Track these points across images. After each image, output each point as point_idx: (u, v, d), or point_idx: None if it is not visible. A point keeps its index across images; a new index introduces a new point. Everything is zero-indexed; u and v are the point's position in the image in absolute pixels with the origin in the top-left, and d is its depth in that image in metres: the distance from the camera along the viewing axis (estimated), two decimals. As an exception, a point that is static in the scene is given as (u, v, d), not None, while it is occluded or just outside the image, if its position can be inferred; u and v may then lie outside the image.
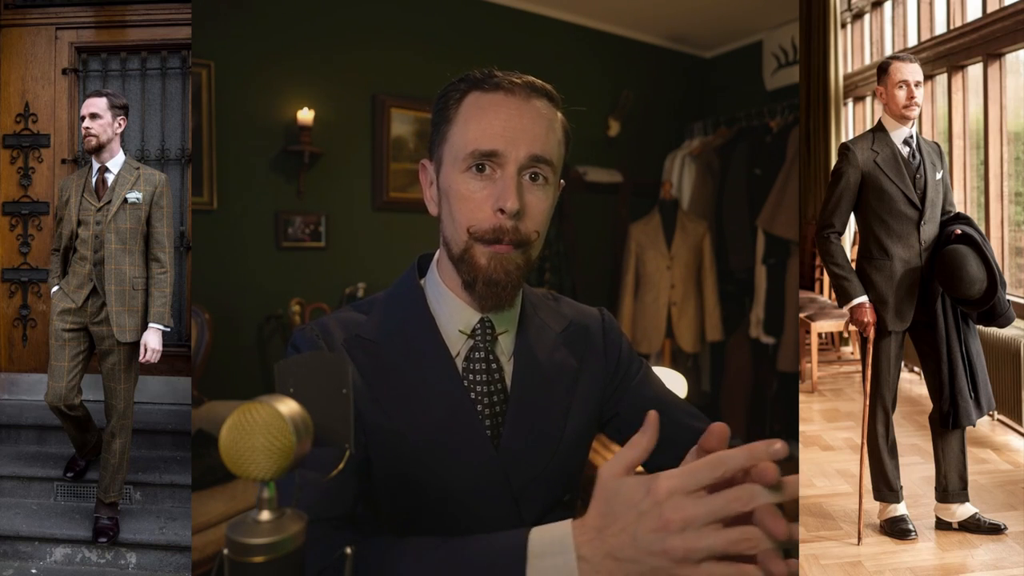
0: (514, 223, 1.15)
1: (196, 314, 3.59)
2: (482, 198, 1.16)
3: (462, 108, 1.19)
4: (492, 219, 1.15)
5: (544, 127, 1.18)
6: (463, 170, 1.17)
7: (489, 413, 1.23)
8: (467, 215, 1.17)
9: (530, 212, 1.17)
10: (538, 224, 1.19)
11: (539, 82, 1.21)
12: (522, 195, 1.16)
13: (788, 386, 4.58)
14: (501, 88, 1.18)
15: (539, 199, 1.18)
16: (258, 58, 3.90)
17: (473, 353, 1.24)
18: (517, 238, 1.16)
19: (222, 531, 0.77)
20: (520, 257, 1.18)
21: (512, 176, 1.15)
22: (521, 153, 1.15)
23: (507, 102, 1.17)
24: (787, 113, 4.73)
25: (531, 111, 1.18)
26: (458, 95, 1.20)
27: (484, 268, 1.17)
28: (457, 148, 1.18)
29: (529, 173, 1.17)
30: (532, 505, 1.24)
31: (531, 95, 1.19)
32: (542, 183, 1.18)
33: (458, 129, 1.19)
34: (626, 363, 1.39)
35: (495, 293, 1.18)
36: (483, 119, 1.17)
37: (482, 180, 1.16)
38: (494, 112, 1.17)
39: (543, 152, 1.17)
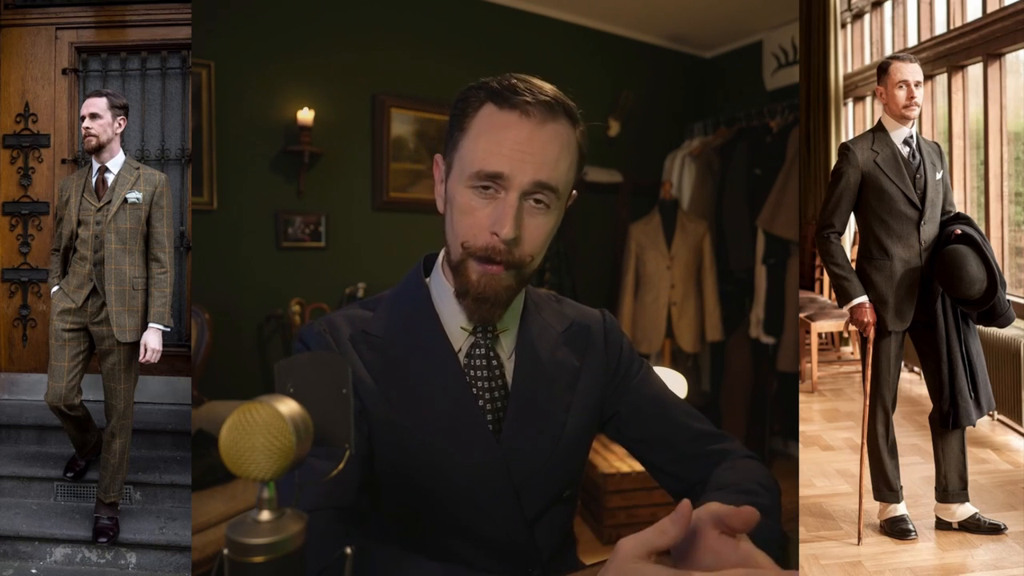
0: (508, 247, 1.16)
1: (196, 314, 3.59)
2: (481, 217, 1.16)
3: (476, 121, 1.18)
4: (487, 239, 1.16)
5: (555, 152, 1.17)
6: (467, 185, 1.17)
7: (491, 408, 1.25)
8: (464, 230, 1.18)
9: (527, 238, 1.17)
10: (534, 249, 1.19)
11: (560, 98, 1.19)
12: (520, 220, 1.16)
13: (788, 386, 4.58)
14: (517, 108, 1.16)
15: (538, 224, 1.18)
16: (258, 58, 3.90)
17: (475, 349, 1.26)
18: (510, 260, 1.17)
19: (222, 531, 0.78)
20: (511, 278, 1.19)
21: (513, 202, 1.15)
22: (526, 179, 1.15)
23: (520, 124, 1.16)
24: (787, 113, 4.72)
25: (543, 136, 1.16)
26: (476, 103, 1.19)
27: (474, 284, 1.18)
28: (465, 162, 1.18)
29: (532, 199, 1.17)
30: (533, 500, 1.26)
31: (547, 118, 1.16)
32: (543, 209, 1.18)
33: (469, 143, 1.18)
34: (627, 363, 1.40)
35: (483, 309, 1.20)
36: (493, 138, 1.16)
37: (484, 199, 1.16)
38: (505, 134, 1.16)
39: (549, 179, 1.16)
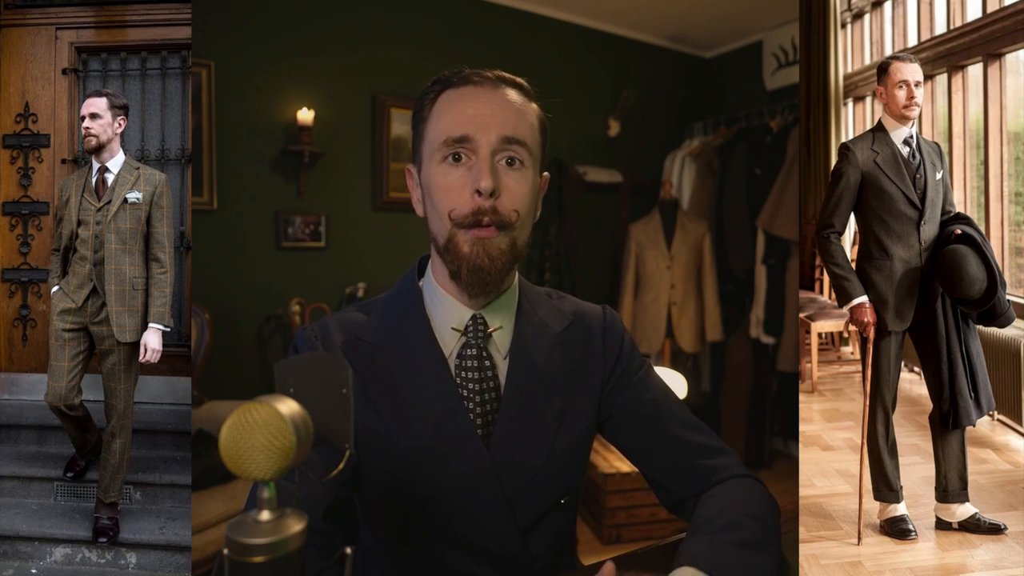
0: (491, 203, 1.17)
1: (196, 314, 3.59)
2: (460, 184, 1.18)
3: (436, 106, 1.23)
4: (470, 202, 1.17)
5: (514, 111, 1.21)
6: (439, 161, 1.20)
7: (480, 412, 1.22)
8: (447, 202, 1.19)
9: (507, 192, 1.19)
10: (517, 204, 1.20)
11: (508, 75, 1.25)
12: (497, 176, 1.18)
13: (788, 386, 4.58)
14: (470, 82, 1.22)
15: (516, 181, 1.20)
16: (258, 58, 3.90)
17: (465, 351, 1.24)
18: (497, 219, 1.17)
19: (222, 531, 0.77)
20: (503, 240, 1.19)
21: (486, 159, 1.18)
22: (492, 136, 1.18)
23: (475, 92, 1.21)
24: (787, 113, 4.72)
25: (499, 98, 1.21)
26: (432, 95, 1.24)
27: (467, 255, 1.18)
28: (432, 141, 1.22)
29: (504, 157, 1.19)
30: (527, 508, 1.23)
31: (499, 84, 1.23)
32: (518, 167, 1.20)
33: (432, 125, 1.22)
34: (625, 362, 1.35)
35: (480, 279, 1.19)
36: (453, 110, 1.21)
37: (458, 168, 1.19)
38: (463, 102, 1.21)
39: (514, 133, 1.19)
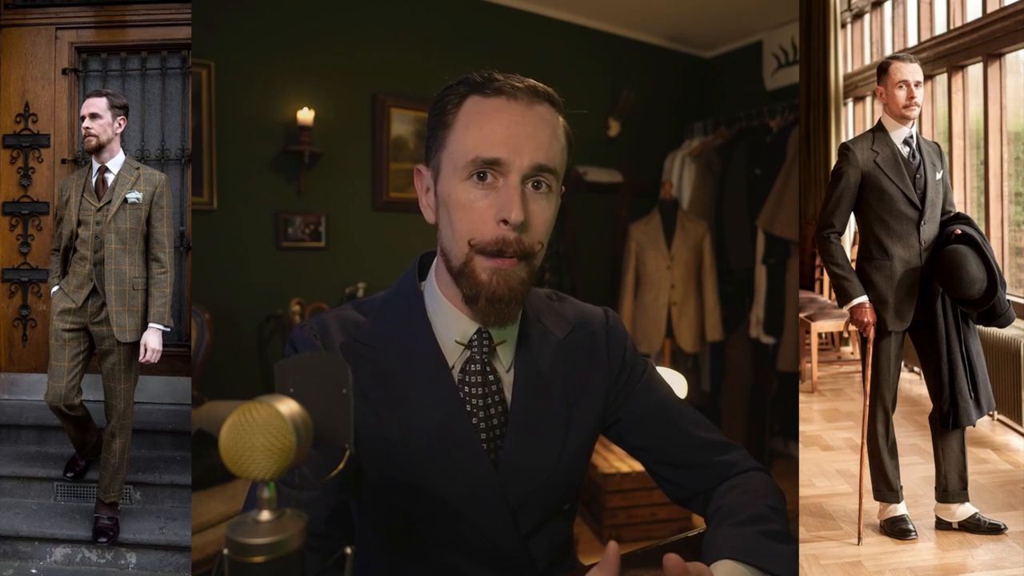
0: (517, 235, 1.11)
1: (196, 314, 3.59)
2: (484, 208, 1.11)
3: (461, 113, 1.14)
4: (495, 230, 1.11)
5: (548, 134, 1.14)
6: (464, 178, 1.12)
7: (486, 427, 1.19)
8: (468, 226, 1.12)
9: (534, 223, 1.12)
10: (541, 235, 1.14)
11: (542, 86, 1.17)
12: (526, 205, 1.11)
13: (788, 386, 4.58)
14: (503, 93, 1.13)
15: (542, 208, 1.13)
16: (258, 58, 3.90)
17: (469, 365, 1.20)
18: (520, 250, 1.11)
19: (222, 531, 0.77)
20: (524, 271, 1.14)
21: (515, 186, 1.10)
22: (525, 161, 1.11)
23: (509, 108, 1.13)
24: (787, 113, 4.72)
25: (534, 117, 1.13)
26: (457, 99, 1.15)
27: (486, 284, 1.12)
28: (457, 155, 1.13)
29: (532, 182, 1.12)
30: (530, 516, 1.21)
31: (533, 100, 1.14)
32: (545, 192, 1.14)
33: (457, 135, 1.14)
34: (630, 366, 1.33)
35: (498, 310, 1.14)
36: (484, 125, 1.12)
37: (483, 189, 1.11)
38: (496, 118, 1.12)
39: (547, 161, 1.13)
